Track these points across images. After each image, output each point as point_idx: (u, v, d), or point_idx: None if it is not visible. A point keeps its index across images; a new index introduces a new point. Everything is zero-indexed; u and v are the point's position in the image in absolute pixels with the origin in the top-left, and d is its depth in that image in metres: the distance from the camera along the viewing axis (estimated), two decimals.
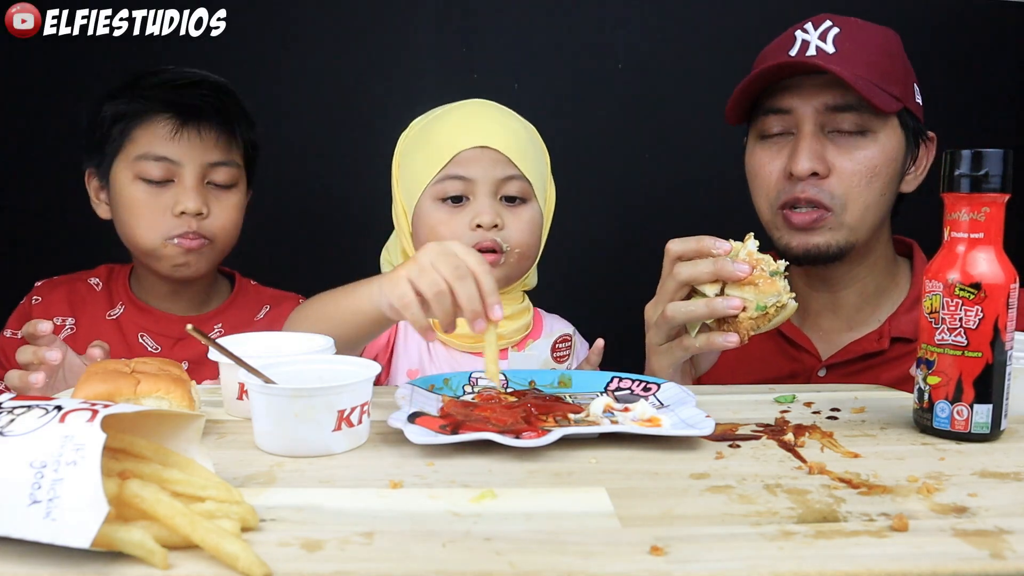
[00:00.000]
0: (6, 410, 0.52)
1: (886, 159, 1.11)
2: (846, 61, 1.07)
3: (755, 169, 1.17)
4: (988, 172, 0.71)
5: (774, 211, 1.15)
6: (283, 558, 0.48)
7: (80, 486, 0.46)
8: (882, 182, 1.12)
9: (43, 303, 1.32)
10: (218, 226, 1.27)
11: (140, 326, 1.31)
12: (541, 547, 0.50)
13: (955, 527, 0.53)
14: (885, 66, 1.10)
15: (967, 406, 0.72)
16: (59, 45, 1.74)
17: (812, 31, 1.10)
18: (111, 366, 0.75)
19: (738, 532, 0.52)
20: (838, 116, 1.10)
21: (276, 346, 0.87)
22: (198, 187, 1.24)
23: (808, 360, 1.19)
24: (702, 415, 0.74)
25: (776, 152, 1.14)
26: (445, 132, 1.17)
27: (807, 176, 1.10)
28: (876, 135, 1.11)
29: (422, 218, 1.16)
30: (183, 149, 1.23)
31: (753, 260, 0.87)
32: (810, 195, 1.10)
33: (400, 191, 1.22)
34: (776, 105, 1.13)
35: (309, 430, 0.66)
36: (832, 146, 1.11)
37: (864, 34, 1.11)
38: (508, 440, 0.66)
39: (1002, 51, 2.00)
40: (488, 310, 0.82)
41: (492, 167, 1.14)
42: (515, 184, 1.15)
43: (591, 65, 1.94)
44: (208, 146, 1.25)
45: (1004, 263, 0.72)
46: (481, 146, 1.13)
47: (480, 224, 1.11)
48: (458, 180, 1.13)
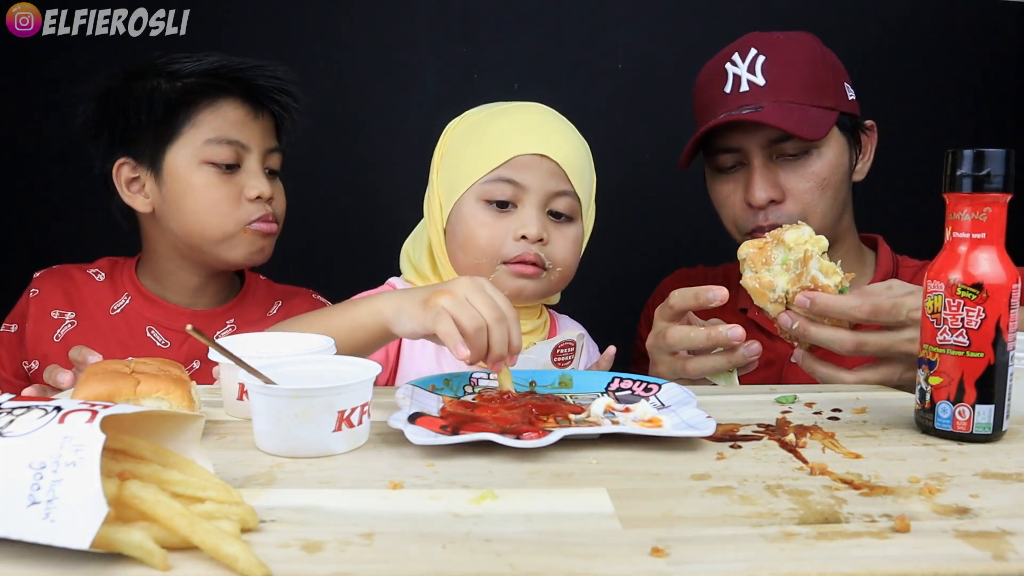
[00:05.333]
0: (5, 411, 0.52)
1: (832, 167, 1.21)
2: (777, 89, 1.17)
3: (720, 200, 1.28)
4: (990, 172, 0.71)
5: (744, 237, 1.22)
6: (283, 559, 0.47)
7: (79, 487, 0.46)
8: (833, 188, 1.21)
9: (40, 296, 1.28)
10: (281, 211, 1.28)
11: (148, 319, 1.27)
12: (542, 548, 0.50)
13: (957, 528, 0.53)
14: (813, 80, 1.19)
15: (969, 407, 0.72)
16: (59, 45, 1.74)
17: (740, 63, 1.20)
18: (111, 366, 0.75)
19: (739, 533, 0.52)
20: (782, 145, 1.19)
21: (276, 346, 0.87)
22: (262, 172, 1.24)
23: (783, 348, 1.21)
24: (703, 415, 0.73)
25: (735, 185, 1.24)
26: (503, 131, 1.13)
27: (765, 205, 1.20)
28: (820, 150, 1.21)
29: (462, 217, 1.13)
30: (252, 133, 1.22)
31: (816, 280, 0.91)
32: (772, 221, 1.20)
33: (440, 182, 1.18)
34: (725, 144, 1.22)
35: (309, 431, 0.66)
36: (782, 171, 1.21)
37: (787, 52, 1.19)
38: (509, 441, 0.66)
39: (1002, 51, 2.00)
40: (511, 356, 0.86)
41: (547, 178, 1.10)
42: (565, 201, 1.12)
43: (591, 65, 1.94)
44: (268, 131, 1.26)
45: (1006, 263, 0.72)
46: (540, 154, 1.10)
47: (526, 236, 1.09)
48: (509, 184, 1.09)
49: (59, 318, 1.26)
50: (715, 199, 1.29)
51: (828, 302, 0.88)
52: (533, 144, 1.10)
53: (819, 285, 0.89)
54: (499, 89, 1.86)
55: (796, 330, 0.91)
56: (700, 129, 1.21)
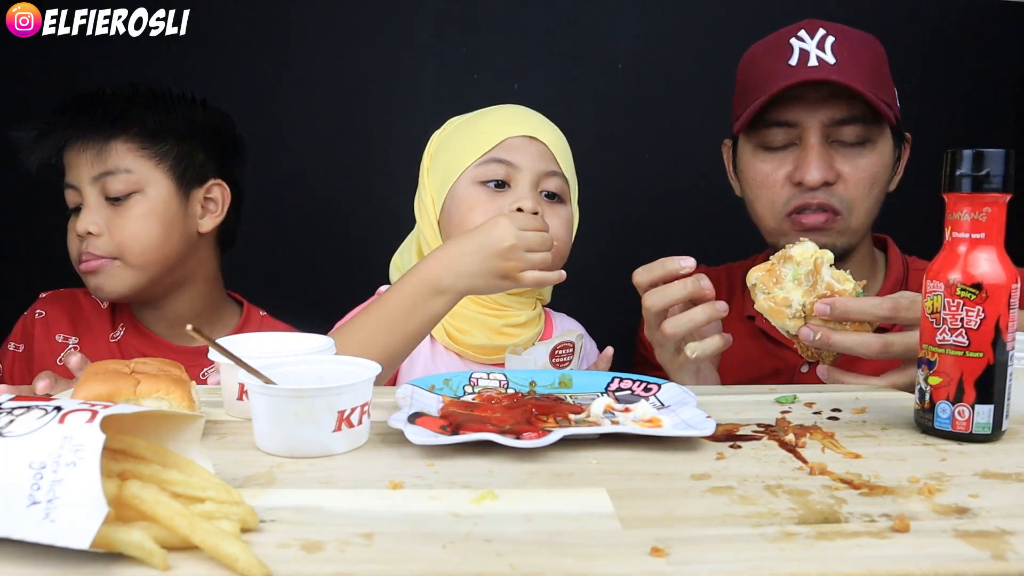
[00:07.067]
0: (5, 411, 0.52)
1: (883, 166, 1.17)
2: (848, 70, 1.09)
3: (759, 179, 1.19)
4: (990, 172, 0.71)
5: (780, 218, 1.17)
6: (283, 559, 0.47)
7: (79, 487, 0.46)
8: (880, 188, 1.18)
9: (46, 318, 1.30)
10: (118, 242, 1.21)
11: (139, 351, 1.29)
12: (542, 548, 0.50)
13: (956, 528, 0.53)
14: (877, 71, 1.14)
15: (968, 407, 0.72)
16: (59, 45, 1.74)
17: (809, 40, 1.12)
18: (111, 366, 0.75)
19: (739, 533, 0.52)
20: (841, 128, 1.14)
21: (276, 346, 0.87)
22: (93, 204, 1.23)
23: (791, 357, 1.20)
24: (703, 416, 0.73)
25: (779, 162, 1.17)
26: (493, 121, 1.18)
27: (818, 186, 1.13)
28: (875, 144, 1.15)
29: (457, 201, 1.15)
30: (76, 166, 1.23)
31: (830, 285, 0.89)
32: (821, 200, 1.14)
33: (431, 178, 1.21)
34: (781, 118, 1.15)
35: (309, 431, 0.66)
36: (837, 155, 1.15)
37: (856, 42, 1.14)
38: (508, 441, 0.66)
39: (1002, 51, 2.00)
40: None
41: (537, 159, 1.15)
42: (556, 181, 1.16)
43: (591, 65, 1.94)
44: (94, 157, 1.22)
45: (1005, 263, 0.72)
46: (529, 136, 1.15)
47: (521, 208, 1.11)
48: (502, 164, 1.13)
49: (63, 342, 1.29)
50: (751, 178, 1.20)
51: (849, 304, 0.86)
52: (523, 128, 1.16)
53: (835, 291, 0.88)
54: (499, 89, 1.87)
55: (819, 340, 0.87)
56: (771, 91, 1.11)
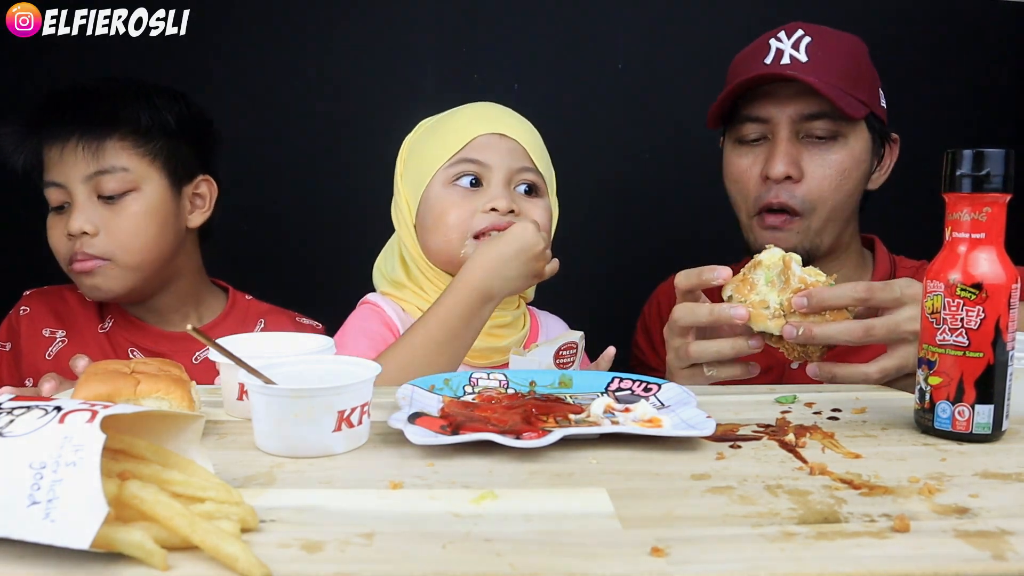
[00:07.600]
0: (5, 410, 0.52)
1: (855, 161, 1.19)
2: (818, 69, 1.14)
3: (735, 174, 1.24)
4: (990, 172, 0.71)
5: (751, 215, 1.22)
6: (283, 559, 0.47)
7: (79, 487, 0.46)
8: (851, 183, 1.20)
9: (31, 314, 1.30)
10: (116, 243, 1.21)
11: (130, 340, 1.29)
12: (542, 548, 0.50)
13: (956, 528, 0.53)
14: (853, 73, 1.17)
15: (968, 407, 0.72)
16: (59, 45, 1.74)
17: (785, 40, 1.17)
18: (111, 366, 0.75)
19: (739, 533, 0.52)
20: (811, 123, 1.17)
21: (276, 346, 0.87)
22: (85, 204, 1.20)
23: (780, 353, 1.20)
24: (703, 415, 0.73)
25: (754, 158, 1.21)
26: (461, 120, 1.16)
27: (782, 179, 1.17)
28: (846, 139, 1.19)
29: (431, 203, 1.14)
30: (66, 167, 1.20)
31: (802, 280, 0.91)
32: (782, 199, 1.18)
33: (404, 184, 1.20)
34: (754, 113, 1.20)
35: (309, 431, 0.66)
36: (806, 151, 1.19)
37: (833, 42, 1.18)
38: (508, 441, 0.66)
39: (1002, 51, 2.00)
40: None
41: (508, 156, 1.13)
42: (530, 175, 1.15)
43: (591, 65, 1.94)
44: (87, 158, 1.19)
45: (1005, 263, 0.72)
46: (498, 133, 1.13)
47: (496, 208, 1.10)
48: (473, 164, 1.12)
49: (50, 336, 1.28)
50: (731, 174, 1.25)
51: (824, 293, 0.89)
52: (491, 126, 1.14)
53: (808, 284, 0.90)
54: (499, 89, 1.87)
55: (802, 335, 0.89)
56: (733, 82, 1.17)
